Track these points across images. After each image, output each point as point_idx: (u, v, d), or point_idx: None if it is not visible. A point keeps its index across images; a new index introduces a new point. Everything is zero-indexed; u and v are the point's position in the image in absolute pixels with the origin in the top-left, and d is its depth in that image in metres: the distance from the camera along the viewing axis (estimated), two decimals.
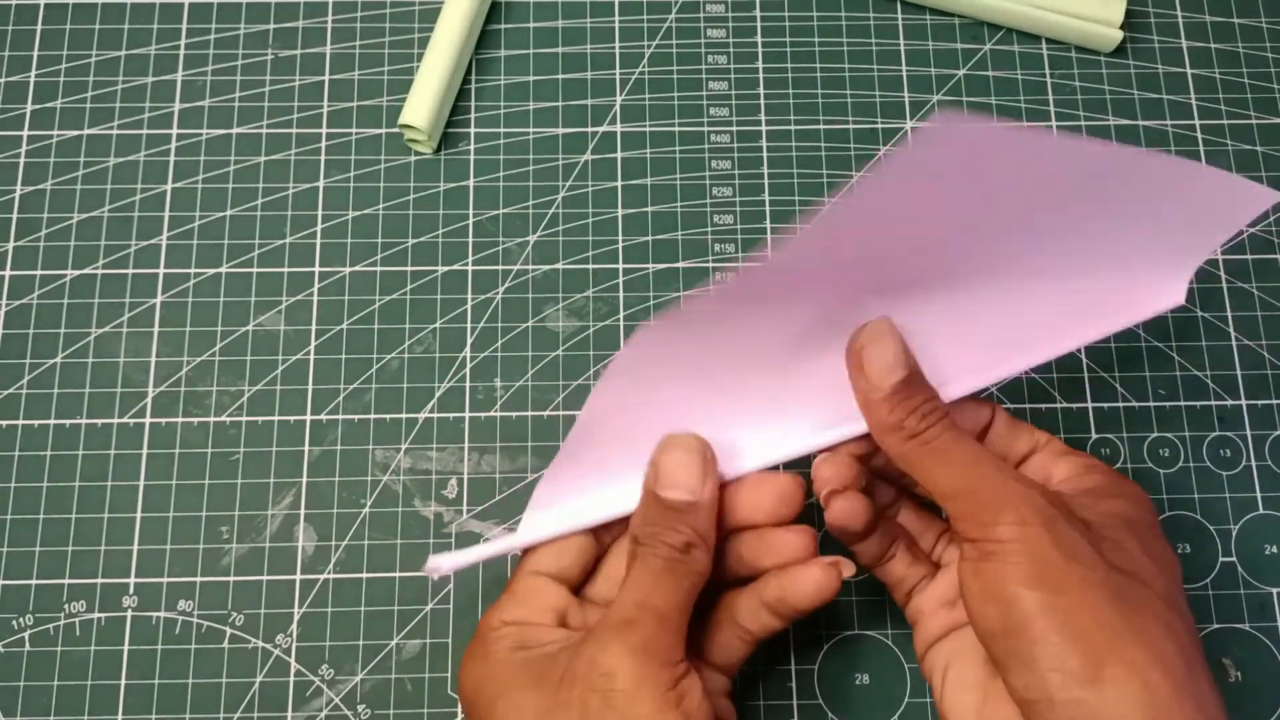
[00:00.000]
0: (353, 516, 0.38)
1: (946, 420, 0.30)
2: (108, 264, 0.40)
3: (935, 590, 0.32)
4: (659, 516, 0.30)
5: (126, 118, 0.42)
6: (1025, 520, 0.27)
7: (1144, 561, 0.28)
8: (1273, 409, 0.39)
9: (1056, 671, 0.26)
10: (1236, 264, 0.41)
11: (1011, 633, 0.27)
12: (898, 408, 0.30)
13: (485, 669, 0.30)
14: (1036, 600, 0.26)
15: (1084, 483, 0.31)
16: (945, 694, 0.31)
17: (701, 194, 0.42)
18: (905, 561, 0.33)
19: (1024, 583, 0.27)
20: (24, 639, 0.36)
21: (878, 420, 0.30)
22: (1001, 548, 0.27)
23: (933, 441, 0.30)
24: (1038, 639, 0.26)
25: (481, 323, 0.40)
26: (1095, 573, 0.27)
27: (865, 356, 0.31)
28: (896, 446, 0.30)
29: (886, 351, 0.30)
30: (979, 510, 0.28)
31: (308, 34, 0.43)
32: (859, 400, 0.31)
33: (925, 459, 0.30)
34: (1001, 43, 0.44)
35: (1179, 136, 0.43)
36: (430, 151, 0.42)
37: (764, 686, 0.36)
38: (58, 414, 0.38)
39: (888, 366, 0.30)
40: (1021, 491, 0.28)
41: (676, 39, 0.44)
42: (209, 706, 0.36)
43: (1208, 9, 0.45)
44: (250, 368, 0.39)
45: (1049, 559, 0.27)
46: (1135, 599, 0.27)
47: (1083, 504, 0.29)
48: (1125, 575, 0.27)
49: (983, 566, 0.28)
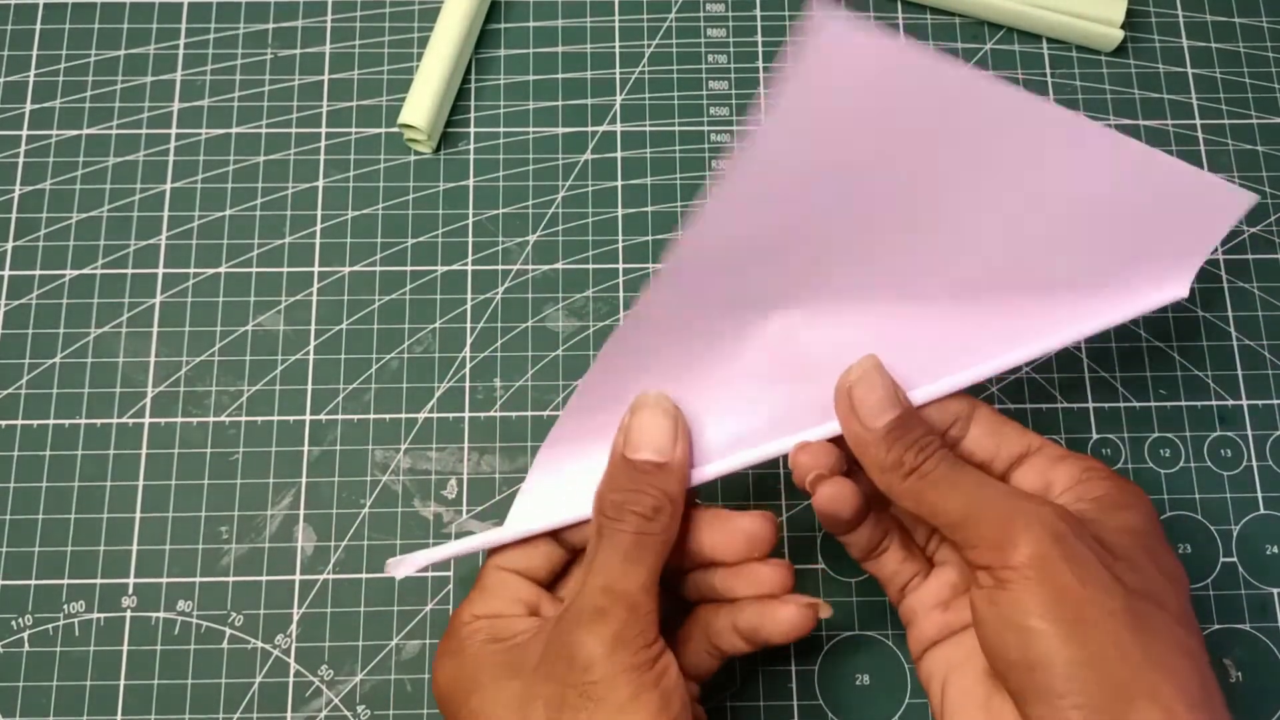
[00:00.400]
0: (352, 517, 0.38)
1: (943, 450, 0.29)
2: (107, 264, 0.40)
3: (930, 590, 0.32)
4: (627, 481, 0.30)
5: (125, 117, 0.42)
6: (1039, 542, 0.27)
7: (1158, 579, 0.28)
8: (1274, 409, 0.39)
9: (1079, 708, 0.25)
10: (1237, 264, 0.41)
11: (1031, 665, 0.26)
12: (894, 446, 0.29)
13: (458, 664, 0.29)
14: (1056, 632, 0.26)
15: (1088, 491, 0.30)
16: (946, 707, 0.30)
17: (702, 194, 0.42)
18: (898, 556, 0.32)
19: (1042, 613, 0.26)
20: (23, 639, 0.36)
21: (874, 460, 0.30)
22: (1017, 574, 0.27)
23: (932, 474, 0.29)
24: (1059, 672, 0.26)
25: (481, 323, 0.40)
26: (1114, 599, 0.26)
27: (855, 398, 0.30)
28: (896, 485, 0.29)
29: (876, 389, 0.30)
30: (990, 536, 0.27)
31: (307, 33, 0.43)
32: (851, 441, 0.30)
33: (927, 493, 0.29)
34: (1002, 42, 0.44)
35: (1180, 136, 0.43)
36: (430, 151, 0.42)
37: (764, 687, 0.36)
38: (57, 414, 0.38)
39: (880, 405, 0.29)
40: (1032, 512, 0.28)
41: (676, 38, 0.44)
42: (208, 707, 0.36)
43: (1209, 8, 0.44)
44: (249, 368, 0.39)
45: (1066, 586, 0.26)
46: (1154, 624, 0.27)
47: (1092, 519, 0.29)
48: (1141, 597, 0.27)
49: (998, 595, 0.27)
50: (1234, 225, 0.30)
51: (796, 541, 0.38)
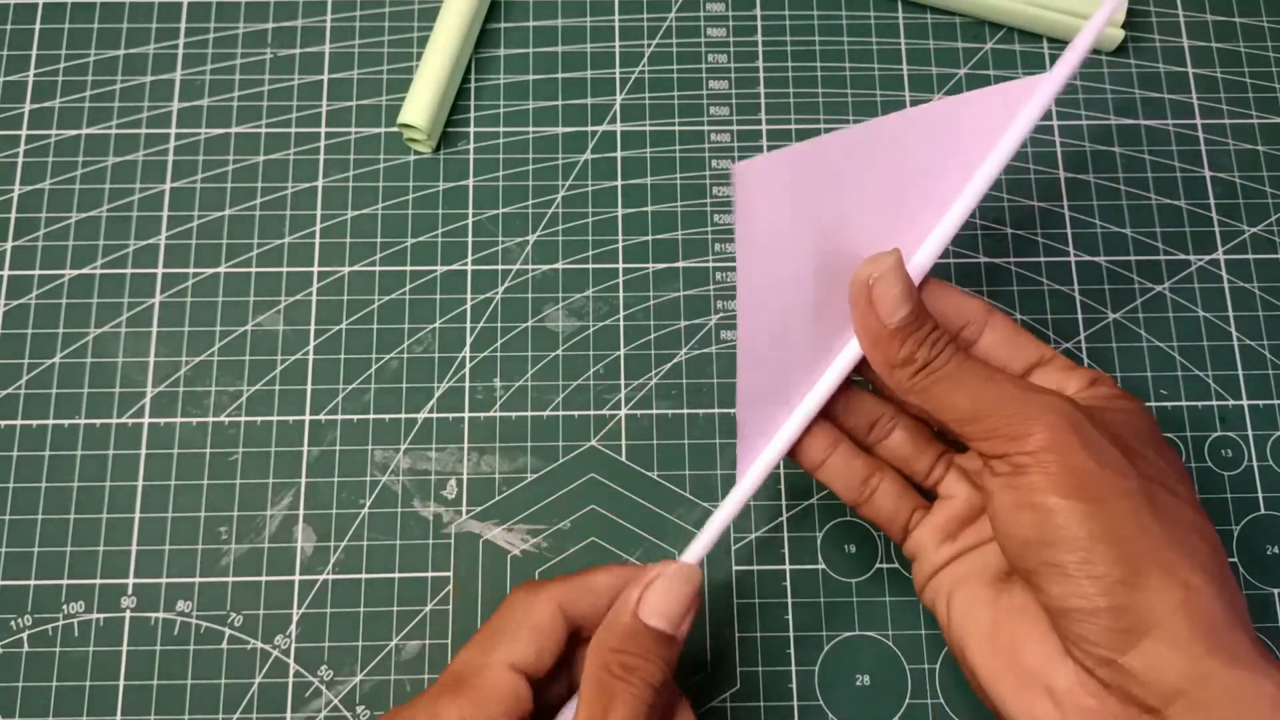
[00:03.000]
0: (352, 517, 0.38)
1: (953, 346, 0.30)
2: (106, 264, 0.40)
3: (935, 522, 0.32)
4: (637, 645, 0.28)
5: (125, 117, 0.42)
6: (1055, 428, 0.27)
7: (1167, 470, 0.28)
8: (1274, 409, 0.39)
9: (1097, 579, 0.26)
10: (1238, 264, 0.41)
11: (1048, 543, 0.26)
12: (908, 341, 0.29)
13: None
14: (1075, 509, 0.26)
15: (1096, 394, 0.30)
16: (953, 616, 0.30)
17: (701, 193, 0.41)
18: (892, 493, 0.32)
19: (1061, 492, 0.26)
20: (22, 640, 0.36)
21: (886, 356, 0.30)
22: (1034, 459, 0.27)
23: (943, 368, 0.29)
24: (1077, 546, 0.26)
25: (481, 323, 0.40)
26: (1129, 480, 0.27)
27: (875, 293, 0.29)
28: (906, 381, 0.30)
29: (895, 285, 0.29)
30: (1005, 425, 0.28)
31: (306, 33, 0.43)
32: (865, 338, 0.30)
33: (938, 387, 0.29)
34: (1003, 42, 0.44)
35: (1180, 135, 0.43)
36: (429, 151, 0.42)
37: (764, 687, 0.36)
38: (56, 414, 0.38)
39: (897, 300, 0.29)
40: (1047, 401, 0.28)
41: (676, 38, 0.44)
42: (208, 707, 0.36)
43: (1209, 8, 0.44)
44: (249, 368, 0.39)
45: (1083, 467, 0.27)
46: (1168, 505, 0.27)
47: (1101, 413, 0.29)
48: (1155, 482, 0.27)
49: (1016, 480, 0.27)
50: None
51: (796, 542, 0.38)
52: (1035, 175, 0.42)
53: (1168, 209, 0.42)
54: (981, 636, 0.29)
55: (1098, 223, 0.41)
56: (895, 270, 0.30)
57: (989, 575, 0.30)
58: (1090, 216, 0.42)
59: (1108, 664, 0.26)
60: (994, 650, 0.29)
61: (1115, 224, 0.41)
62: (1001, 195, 0.42)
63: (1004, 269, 0.41)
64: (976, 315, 0.32)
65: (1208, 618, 0.26)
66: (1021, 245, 0.41)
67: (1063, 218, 0.41)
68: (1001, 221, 0.41)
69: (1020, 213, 0.42)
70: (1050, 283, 0.41)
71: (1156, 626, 0.25)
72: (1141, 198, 0.42)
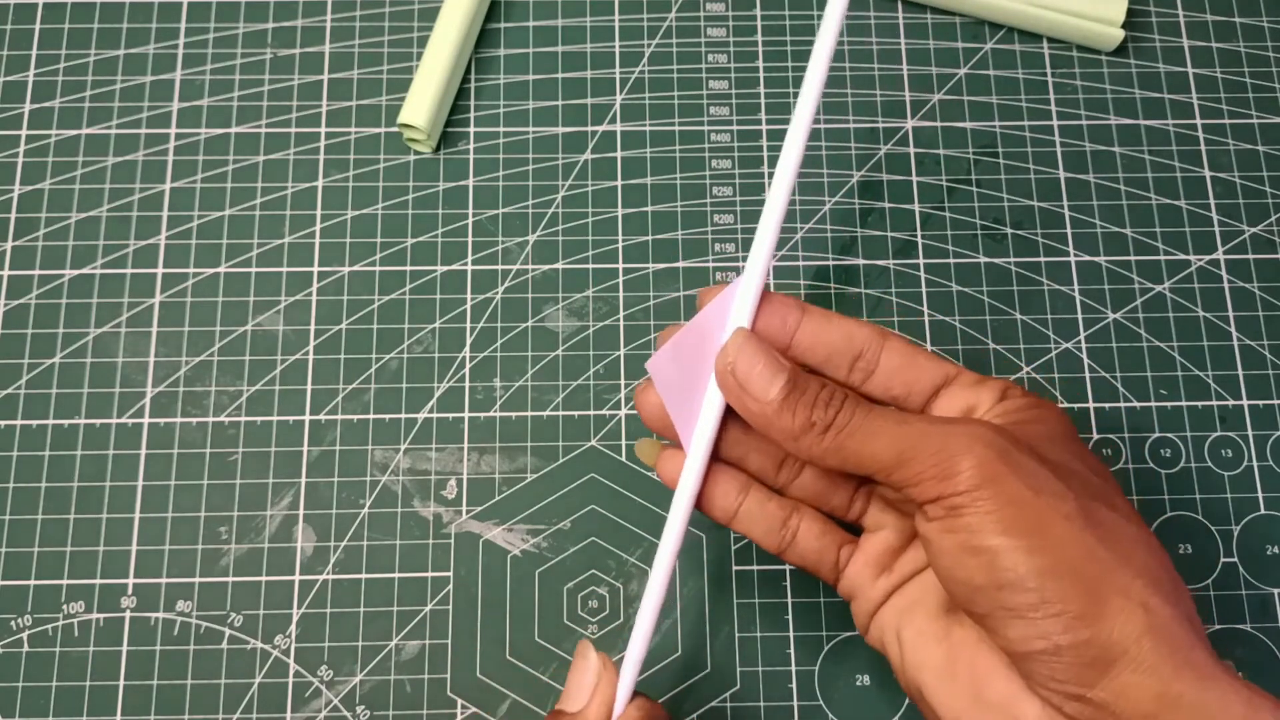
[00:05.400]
0: (352, 517, 0.38)
1: (851, 398, 0.28)
2: (106, 264, 0.40)
3: (865, 556, 0.31)
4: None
5: (125, 117, 0.42)
6: (983, 460, 0.26)
7: (1094, 480, 0.27)
8: (1274, 409, 0.39)
9: (1055, 618, 0.25)
10: (1238, 264, 0.41)
11: (999, 585, 0.25)
12: (798, 408, 0.28)
13: None
14: (1020, 545, 0.25)
15: (1009, 408, 0.29)
16: (905, 655, 0.29)
17: (701, 193, 0.41)
18: (813, 533, 0.31)
19: (1001, 529, 0.25)
20: (22, 640, 0.36)
21: (783, 430, 0.28)
22: (968, 498, 0.26)
23: (849, 422, 0.28)
24: (1029, 588, 0.25)
25: (481, 323, 0.40)
26: (1066, 503, 0.26)
27: (739, 376, 0.29)
28: (815, 447, 0.28)
29: (757, 361, 0.28)
30: (931, 466, 0.26)
31: (306, 33, 0.43)
32: (755, 421, 0.29)
33: (851, 442, 0.28)
34: (1003, 42, 0.44)
35: (1180, 136, 0.43)
36: (429, 151, 0.42)
37: (764, 687, 0.36)
38: (56, 414, 0.38)
39: (765, 376, 0.28)
40: (968, 431, 0.26)
41: (676, 38, 0.44)
42: (208, 707, 0.36)
43: (1209, 8, 0.44)
44: (249, 368, 0.39)
45: (1020, 498, 0.25)
46: (1110, 522, 0.26)
47: (1022, 429, 0.28)
48: (1090, 498, 0.26)
49: (953, 523, 0.26)
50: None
51: None
52: (1035, 175, 0.42)
53: (1168, 209, 0.42)
54: (939, 674, 0.28)
55: (1098, 223, 0.41)
56: (745, 347, 0.29)
57: (934, 607, 0.29)
58: (1090, 216, 0.42)
59: (1076, 699, 0.25)
60: (954, 688, 0.28)
61: (1115, 224, 0.41)
62: (1001, 195, 0.42)
63: (1004, 269, 0.41)
64: (869, 341, 0.30)
65: (1171, 639, 0.25)
66: (1021, 245, 0.41)
67: (1063, 218, 0.41)
68: (1001, 221, 0.41)
69: (1020, 213, 0.42)
70: (1050, 283, 0.41)
71: (1123, 656, 0.24)
72: (1141, 198, 0.42)
